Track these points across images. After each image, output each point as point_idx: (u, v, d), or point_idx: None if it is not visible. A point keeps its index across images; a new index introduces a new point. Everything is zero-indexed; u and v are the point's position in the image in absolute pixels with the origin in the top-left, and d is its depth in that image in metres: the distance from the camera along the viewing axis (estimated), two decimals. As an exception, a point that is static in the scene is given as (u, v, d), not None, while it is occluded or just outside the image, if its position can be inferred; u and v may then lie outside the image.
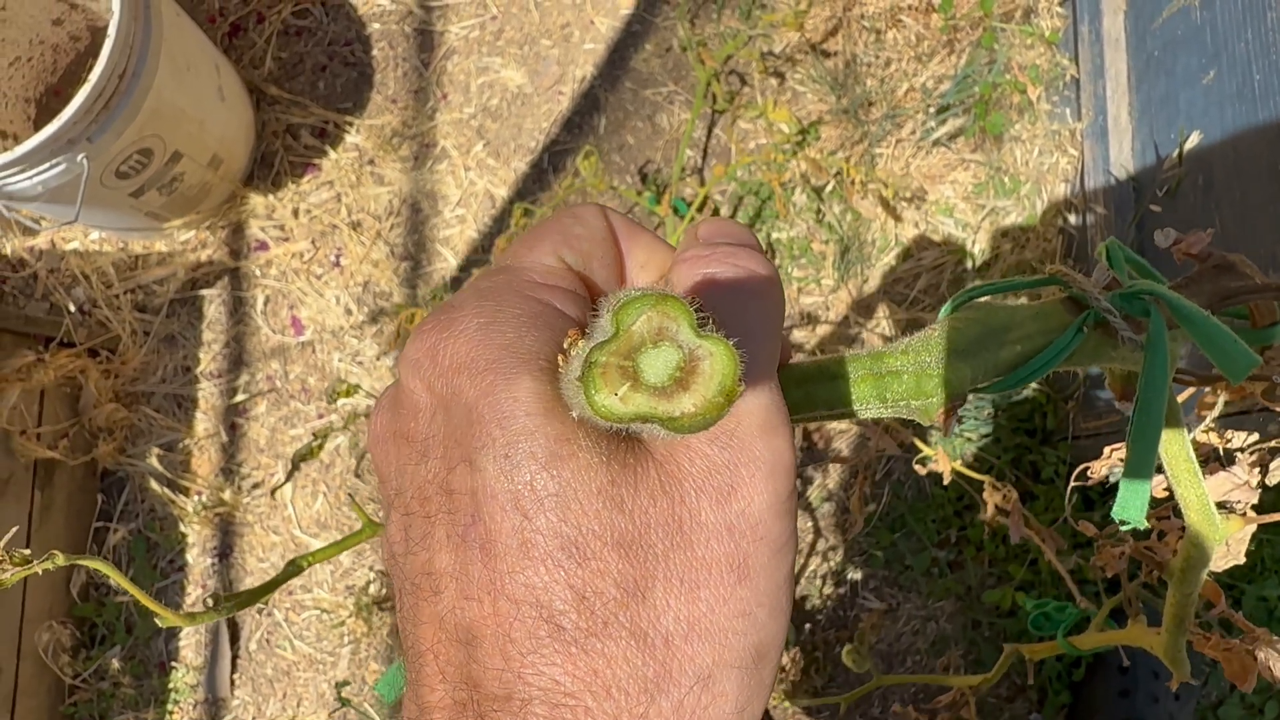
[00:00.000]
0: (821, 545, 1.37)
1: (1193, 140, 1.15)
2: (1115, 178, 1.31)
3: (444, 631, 0.26)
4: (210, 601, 0.42)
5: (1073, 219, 1.40)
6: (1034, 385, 1.34)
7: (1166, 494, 0.36)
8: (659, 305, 0.23)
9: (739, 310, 0.27)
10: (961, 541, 1.35)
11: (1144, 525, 0.30)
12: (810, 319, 1.41)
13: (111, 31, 1.14)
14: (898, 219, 1.41)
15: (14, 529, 0.45)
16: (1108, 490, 1.31)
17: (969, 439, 1.35)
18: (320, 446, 1.44)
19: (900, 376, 0.32)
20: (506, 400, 0.25)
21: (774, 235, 1.43)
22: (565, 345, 0.25)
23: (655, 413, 0.23)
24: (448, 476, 0.27)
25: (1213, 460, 0.37)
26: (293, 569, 0.46)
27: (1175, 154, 1.17)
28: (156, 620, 0.42)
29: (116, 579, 0.40)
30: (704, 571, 0.26)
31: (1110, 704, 1.24)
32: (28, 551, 0.38)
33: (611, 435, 0.26)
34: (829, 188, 1.42)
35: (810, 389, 0.32)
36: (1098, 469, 0.40)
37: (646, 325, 0.23)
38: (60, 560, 0.38)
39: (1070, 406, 1.33)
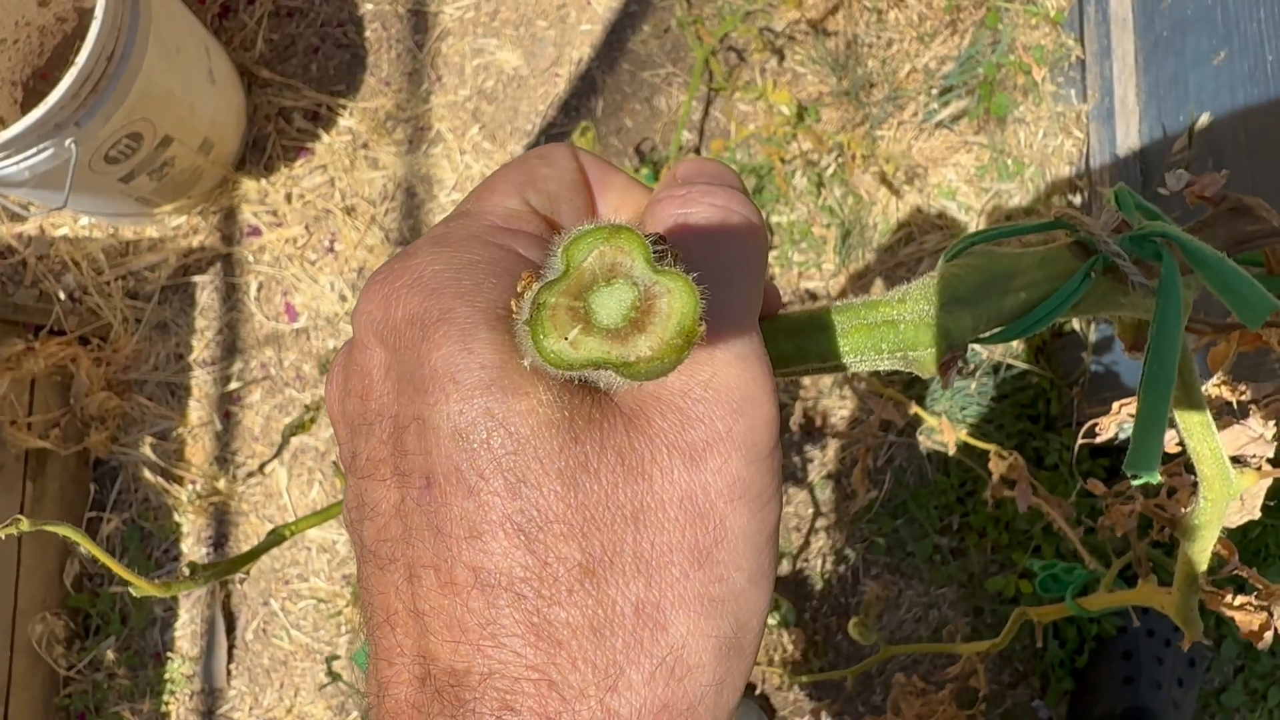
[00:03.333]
0: (822, 526, 1.36)
1: (1202, 122, 1.13)
2: (1122, 161, 1.29)
3: (401, 601, 0.25)
4: (188, 570, 0.41)
5: (1078, 202, 1.38)
6: (1037, 370, 1.32)
7: (1178, 449, 0.34)
8: (611, 239, 0.21)
9: (716, 252, 0.25)
10: (964, 528, 1.33)
11: (1156, 479, 0.28)
12: (811, 301, 1.39)
13: (98, 13, 1.12)
14: (901, 199, 1.39)
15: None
16: (1113, 473, 1.30)
17: (971, 424, 1.33)
18: (313, 420, 1.43)
19: (897, 326, 0.30)
20: (460, 353, 0.23)
21: (774, 219, 1.41)
22: (519, 289, 0.23)
23: (609, 357, 0.21)
24: (402, 436, 0.25)
25: (1226, 414, 0.36)
26: (274, 537, 0.44)
27: (1184, 136, 1.15)
28: (132, 590, 0.41)
29: (88, 546, 0.39)
30: (677, 534, 0.24)
31: (1113, 690, 1.22)
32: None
33: (574, 388, 0.24)
34: (830, 170, 1.40)
35: (801, 340, 0.31)
36: (1106, 425, 0.38)
37: (598, 261, 0.21)
38: (25, 525, 0.37)
39: (1075, 392, 1.31)
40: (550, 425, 0.23)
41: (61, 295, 1.44)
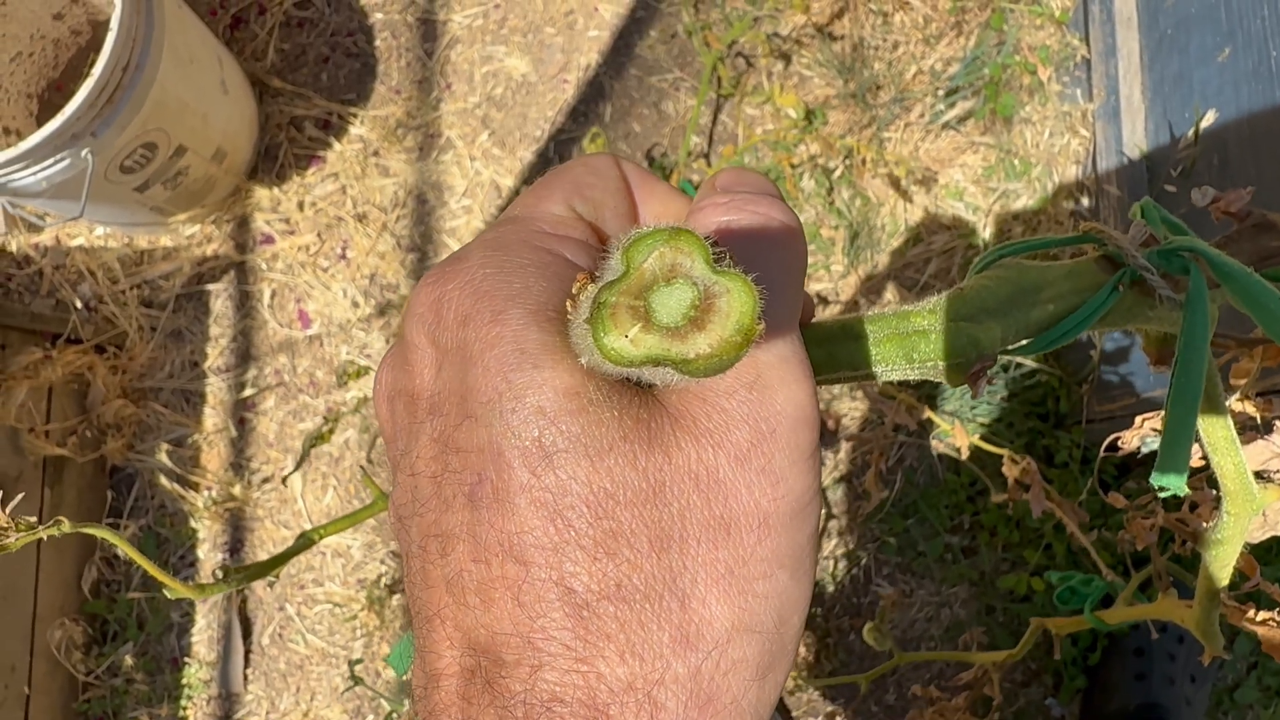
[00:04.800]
0: (835, 529, 1.36)
1: (1207, 119, 1.13)
2: (1128, 158, 1.30)
3: (451, 595, 0.25)
4: (219, 573, 0.42)
5: (1085, 201, 1.38)
6: (1046, 368, 1.33)
7: (1201, 463, 0.35)
8: (672, 240, 0.21)
9: (758, 258, 0.26)
10: (975, 527, 1.34)
11: (1184, 491, 0.29)
12: (820, 304, 1.40)
13: (114, 25, 1.13)
14: (909, 200, 1.40)
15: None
16: (1124, 471, 1.30)
17: (981, 423, 1.34)
18: (331, 431, 1.44)
19: (928, 336, 0.31)
20: (513, 353, 0.24)
21: (782, 221, 1.41)
22: (574, 290, 0.24)
23: (668, 354, 0.21)
24: (454, 434, 0.25)
25: (1250, 429, 0.36)
26: (304, 541, 0.45)
27: (1190, 134, 1.16)
28: (166, 592, 0.42)
29: (124, 548, 0.40)
30: (721, 531, 0.24)
31: (1126, 687, 1.23)
32: (33, 519, 0.37)
33: (624, 388, 0.25)
34: (838, 172, 1.41)
35: (833, 348, 0.31)
36: (1129, 439, 0.39)
37: (659, 262, 0.22)
38: (66, 527, 0.38)
39: (1084, 390, 1.31)
40: (600, 424, 0.24)
41: (78, 304, 1.45)
